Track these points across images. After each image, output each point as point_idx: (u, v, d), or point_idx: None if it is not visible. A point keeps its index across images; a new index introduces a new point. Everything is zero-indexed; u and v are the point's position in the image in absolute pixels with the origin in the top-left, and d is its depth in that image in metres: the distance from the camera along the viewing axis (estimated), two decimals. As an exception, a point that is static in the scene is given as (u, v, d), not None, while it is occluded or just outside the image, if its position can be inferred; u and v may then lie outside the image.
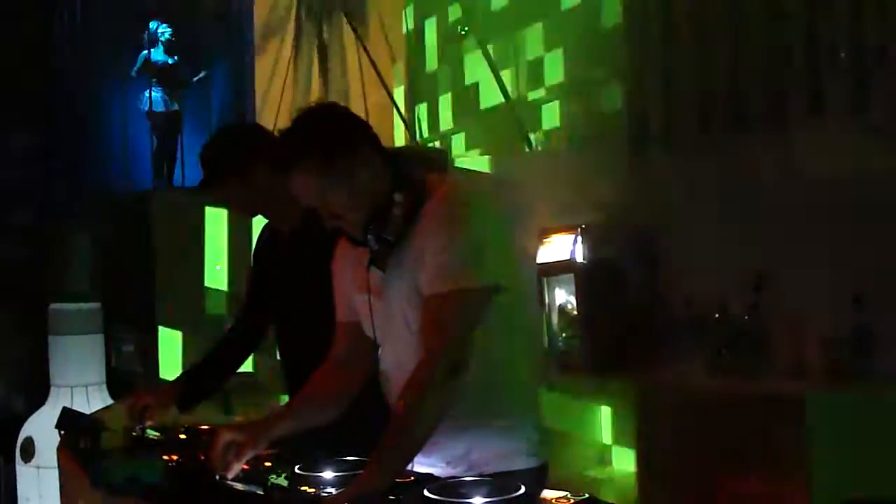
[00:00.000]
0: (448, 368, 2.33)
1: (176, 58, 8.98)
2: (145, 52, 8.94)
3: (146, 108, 8.82)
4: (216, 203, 3.52)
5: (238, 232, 6.77)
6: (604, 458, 5.29)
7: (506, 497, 2.07)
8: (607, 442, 5.36)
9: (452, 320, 2.37)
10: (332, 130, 2.48)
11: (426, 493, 2.10)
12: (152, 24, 9.00)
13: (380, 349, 2.66)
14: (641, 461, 4.69)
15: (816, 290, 4.30)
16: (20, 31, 8.24)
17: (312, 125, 2.50)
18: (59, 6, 8.81)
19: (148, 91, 8.87)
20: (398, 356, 2.55)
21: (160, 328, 6.81)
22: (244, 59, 9.93)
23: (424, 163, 2.64)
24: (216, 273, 6.84)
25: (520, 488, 2.10)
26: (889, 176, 4.11)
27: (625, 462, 5.17)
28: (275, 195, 3.15)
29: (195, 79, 9.07)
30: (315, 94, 9.29)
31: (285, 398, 3.51)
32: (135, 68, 8.97)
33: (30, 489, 6.51)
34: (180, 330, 6.86)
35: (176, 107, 8.92)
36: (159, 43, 8.99)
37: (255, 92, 9.92)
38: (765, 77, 4.63)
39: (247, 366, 6.49)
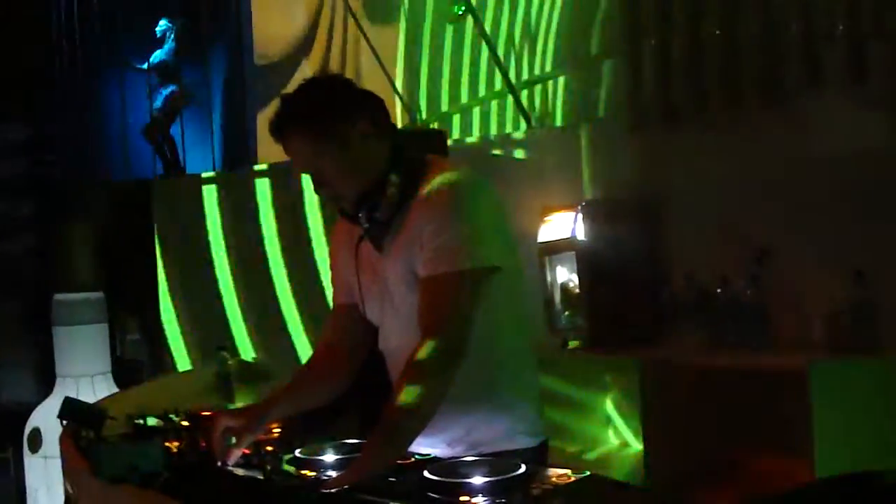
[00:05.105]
0: (447, 350, 2.33)
1: (170, 48, 8.96)
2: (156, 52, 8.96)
3: (156, 106, 8.83)
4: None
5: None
6: (607, 435, 5.29)
7: (505, 476, 2.06)
8: (610, 419, 5.35)
9: (451, 302, 2.37)
10: (329, 96, 2.50)
11: (426, 473, 2.10)
12: (161, 24, 9.00)
13: (378, 330, 2.66)
14: (645, 437, 4.70)
15: (818, 263, 4.29)
16: (20, 24, 8.24)
17: (312, 90, 2.53)
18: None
19: (149, 87, 8.88)
20: (396, 337, 2.56)
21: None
22: (243, 49, 9.94)
23: (424, 144, 2.65)
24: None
25: (520, 467, 2.09)
26: (889, 149, 4.10)
27: (628, 438, 5.18)
28: None
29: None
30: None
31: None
32: (146, 65, 8.98)
33: (37, 479, 6.54)
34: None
35: (175, 101, 8.91)
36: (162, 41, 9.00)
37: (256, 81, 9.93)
38: (762, 51, 4.60)
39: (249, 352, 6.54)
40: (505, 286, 2.47)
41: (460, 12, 7.22)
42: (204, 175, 7.31)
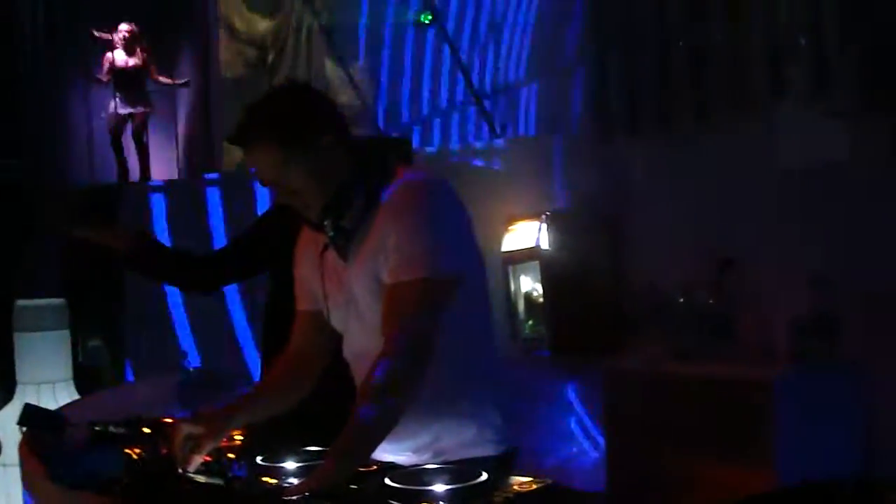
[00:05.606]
0: (411, 358, 2.32)
1: (136, 57, 8.89)
2: (109, 54, 8.85)
3: (112, 111, 8.75)
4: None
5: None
6: (569, 443, 5.30)
7: (466, 484, 2.06)
8: (572, 427, 5.36)
9: (416, 309, 2.36)
10: (295, 106, 2.48)
11: (387, 481, 2.09)
12: (121, 28, 8.93)
13: (343, 338, 2.65)
14: (607, 446, 4.70)
15: (781, 273, 4.31)
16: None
17: (277, 100, 2.52)
18: (23, 7, 8.75)
19: (114, 94, 8.81)
20: (361, 345, 2.54)
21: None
22: (209, 59, 9.89)
23: (390, 153, 2.64)
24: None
25: (481, 475, 2.09)
26: (852, 160, 4.13)
27: (590, 447, 5.19)
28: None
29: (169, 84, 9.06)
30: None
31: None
32: (103, 72, 8.88)
33: (-3, 487, 6.46)
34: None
35: (140, 108, 8.85)
36: (121, 45, 8.90)
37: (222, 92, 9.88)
38: (726, 64, 4.63)
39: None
40: (470, 293, 2.47)
41: (427, 21, 7.24)
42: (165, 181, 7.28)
